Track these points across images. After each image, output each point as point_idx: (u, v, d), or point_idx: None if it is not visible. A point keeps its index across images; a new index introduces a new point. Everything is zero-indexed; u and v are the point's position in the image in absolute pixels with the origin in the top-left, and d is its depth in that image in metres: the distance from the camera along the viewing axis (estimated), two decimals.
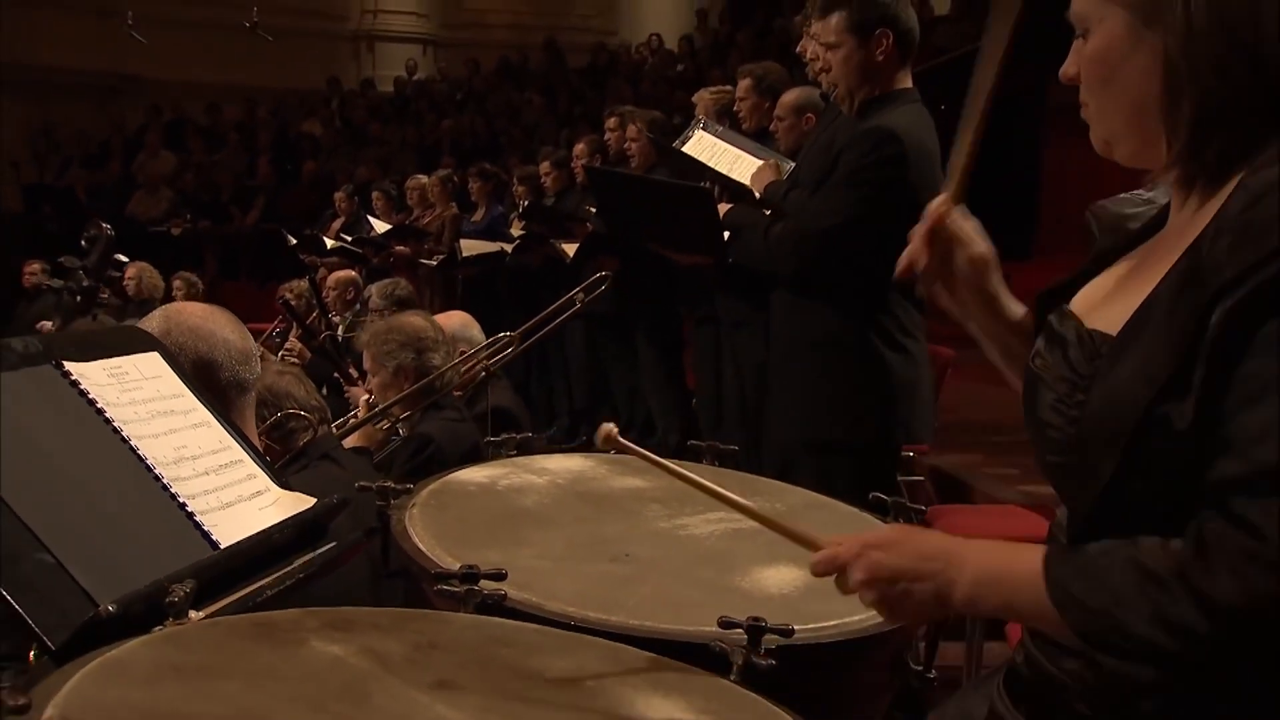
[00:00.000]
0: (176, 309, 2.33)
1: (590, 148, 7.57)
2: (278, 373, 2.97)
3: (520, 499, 1.93)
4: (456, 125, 15.45)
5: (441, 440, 3.50)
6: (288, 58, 17.32)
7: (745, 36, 15.77)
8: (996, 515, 4.03)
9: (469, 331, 4.50)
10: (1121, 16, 1.40)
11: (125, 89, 17.61)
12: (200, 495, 1.74)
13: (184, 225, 14.55)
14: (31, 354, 1.71)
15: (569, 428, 7.98)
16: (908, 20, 3.26)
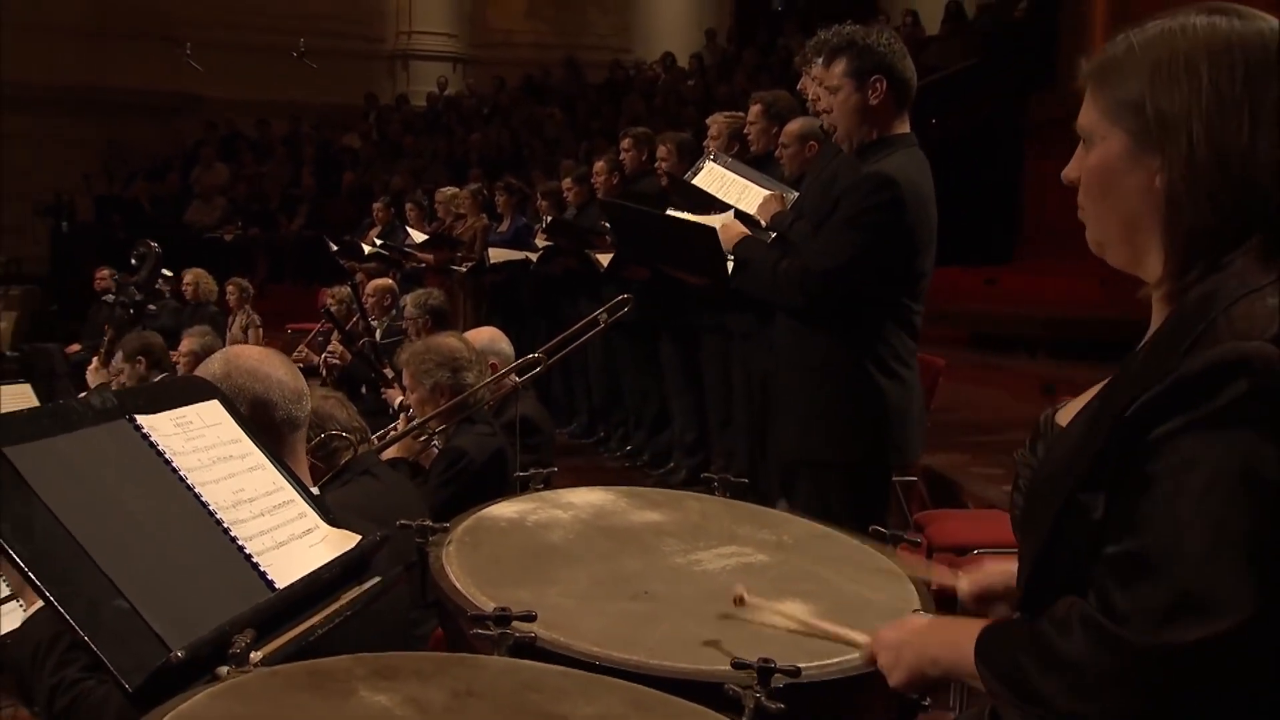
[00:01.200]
0: (236, 352, 2.34)
1: (608, 166, 7.55)
2: (322, 397, 2.98)
3: (547, 535, 1.94)
4: (484, 138, 15.46)
5: (473, 453, 3.52)
6: (329, 76, 17.30)
7: (750, 55, 15.78)
8: (984, 520, 4.02)
9: (498, 345, 4.50)
10: (1123, 138, 1.39)
11: (184, 108, 17.69)
12: (257, 536, 1.75)
13: (236, 231, 14.63)
14: (108, 410, 1.72)
15: (587, 424, 8.00)
16: (904, 70, 3.24)
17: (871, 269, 3.16)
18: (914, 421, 3.34)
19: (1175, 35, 1.37)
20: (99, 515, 1.56)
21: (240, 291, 10.35)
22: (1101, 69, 1.44)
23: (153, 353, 6.74)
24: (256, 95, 17.30)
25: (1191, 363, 1.24)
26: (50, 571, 1.47)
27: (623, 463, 7.26)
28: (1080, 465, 1.32)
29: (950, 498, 5.04)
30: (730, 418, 5.88)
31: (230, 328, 10.19)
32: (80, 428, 1.66)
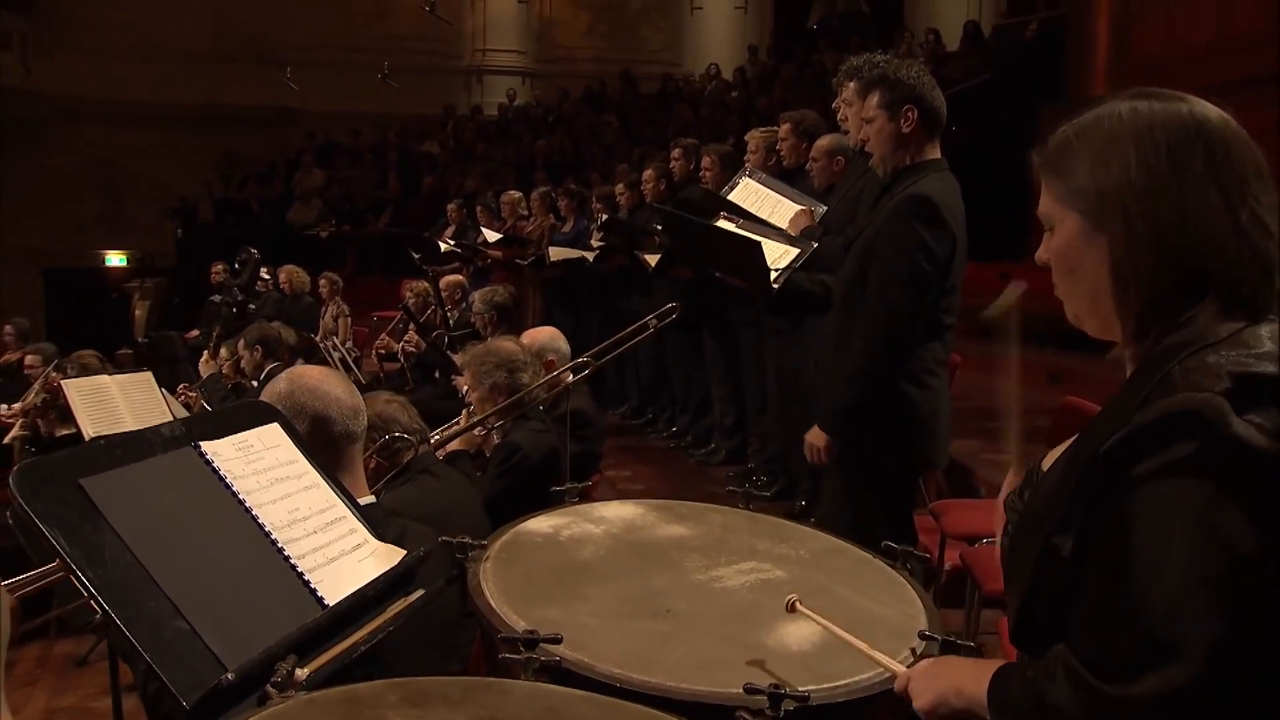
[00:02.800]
0: (299, 373, 2.28)
1: (657, 173, 7.44)
2: (385, 401, 2.92)
3: (579, 551, 1.86)
4: (548, 144, 15.39)
5: (527, 448, 3.46)
6: (413, 90, 17.32)
7: (788, 69, 15.57)
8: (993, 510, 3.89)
9: (557, 344, 4.43)
10: (1077, 220, 1.35)
11: (287, 121, 17.83)
12: (309, 554, 1.69)
13: (330, 229, 14.69)
14: (176, 437, 1.67)
15: (637, 407, 7.93)
16: (933, 100, 3.12)
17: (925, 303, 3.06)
18: (941, 428, 3.21)
19: (1105, 122, 1.34)
20: (163, 540, 1.52)
21: (332, 284, 10.39)
22: (1050, 159, 1.40)
23: (268, 342, 6.77)
24: (349, 108, 17.37)
25: (1146, 413, 1.20)
26: (117, 595, 1.42)
27: (668, 443, 7.17)
28: (1054, 510, 1.28)
29: (964, 484, 4.89)
30: (765, 405, 5.78)
31: (323, 316, 10.23)
32: (150, 456, 1.61)
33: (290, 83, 16.73)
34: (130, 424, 5.72)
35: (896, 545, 1.92)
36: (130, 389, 5.91)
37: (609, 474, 5.93)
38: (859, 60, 3.28)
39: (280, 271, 10.39)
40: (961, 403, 6.06)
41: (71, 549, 1.41)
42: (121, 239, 18.23)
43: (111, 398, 5.73)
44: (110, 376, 5.94)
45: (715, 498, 5.83)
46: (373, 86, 16.38)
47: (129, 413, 5.78)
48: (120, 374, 6.21)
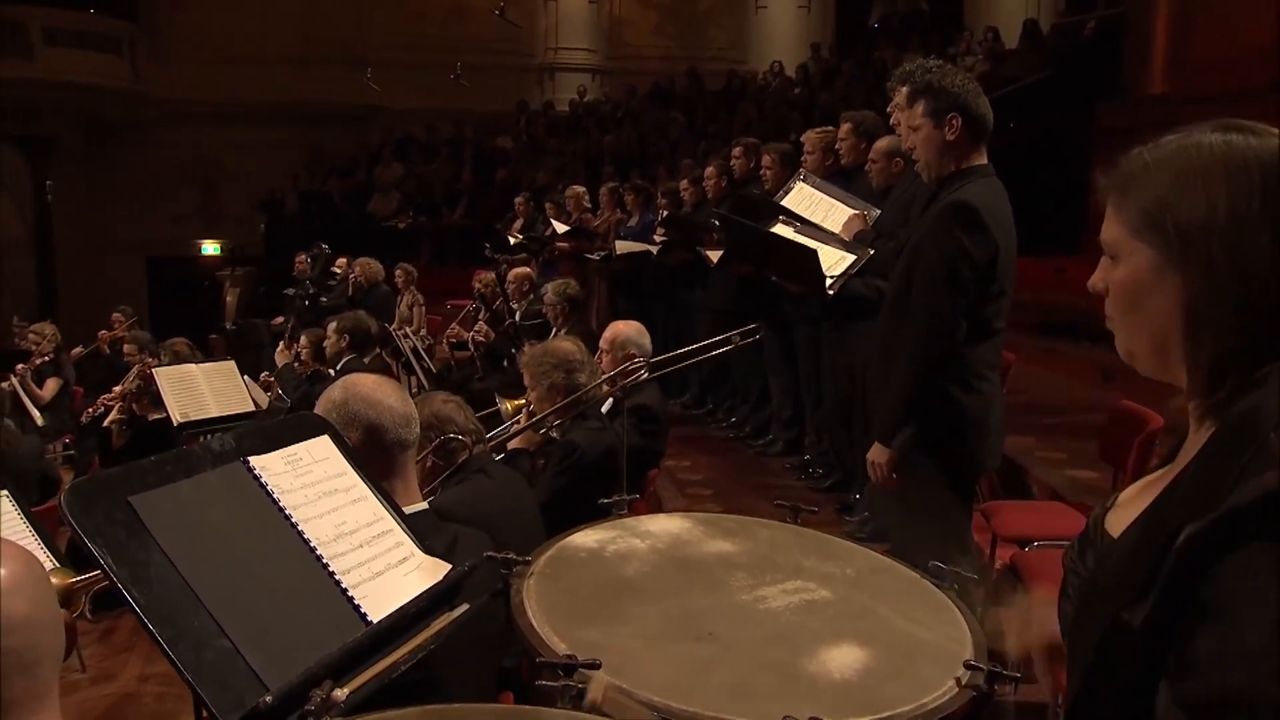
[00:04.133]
0: (354, 381, 2.23)
1: (719, 170, 7.34)
2: (442, 401, 2.87)
3: (623, 568, 1.78)
4: (616, 139, 15.29)
5: (585, 447, 3.39)
6: (487, 87, 17.35)
7: (849, 66, 15.32)
8: (1045, 513, 3.75)
9: (641, 340, 4.34)
10: (1148, 254, 1.18)
11: (368, 116, 18.00)
12: (354, 568, 1.62)
13: (407, 220, 14.77)
14: (225, 452, 1.62)
15: (698, 396, 7.85)
16: (977, 107, 3.00)
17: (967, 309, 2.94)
18: (992, 432, 3.09)
19: (1191, 152, 1.16)
20: (209, 557, 1.46)
21: (407, 275, 10.43)
22: (1122, 184, 1.22)
23: (357, 334, 6.79)
24: (427, 105, 17.43)
25: (1244, 493, 1.00)
26: (161, 614, 1.37)
27: (727, 433, 7.09)
28: (1127, 588, 1.11)
29: (1017, 482, 4.74)
30: (821, 399, 5.67)
31: (399, 305, 10.27)
32: (199, 472, 1.56)
33: (371, 83, 16.87)
34: (214, 410, 5.79)
35: (944, 565, 1.81)
36: (215, 376, 5.97)
37: (668, 464, 5.86)
38: (912, 65, 3.16)
39: (355, 264, 10.45)
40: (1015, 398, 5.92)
41: (118, 568, 1.36)
42: (215, 230, 18.61)
43: (197, 385, 5.79)
44: (197, 365, 6.01)
45: (772, 488, 5.80)
46: (449, 84, 16.44)
47: (213, 399, 5.84)
48: (206, 362, 6.28)
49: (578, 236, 9.01)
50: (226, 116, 17.79)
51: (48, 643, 1.35)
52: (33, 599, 1.32)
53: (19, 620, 1.30)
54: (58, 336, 9.03)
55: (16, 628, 1.29)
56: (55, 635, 1.36)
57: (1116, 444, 3.61)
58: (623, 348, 4.21)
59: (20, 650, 1.30)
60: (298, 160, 17.48)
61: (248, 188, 17.25)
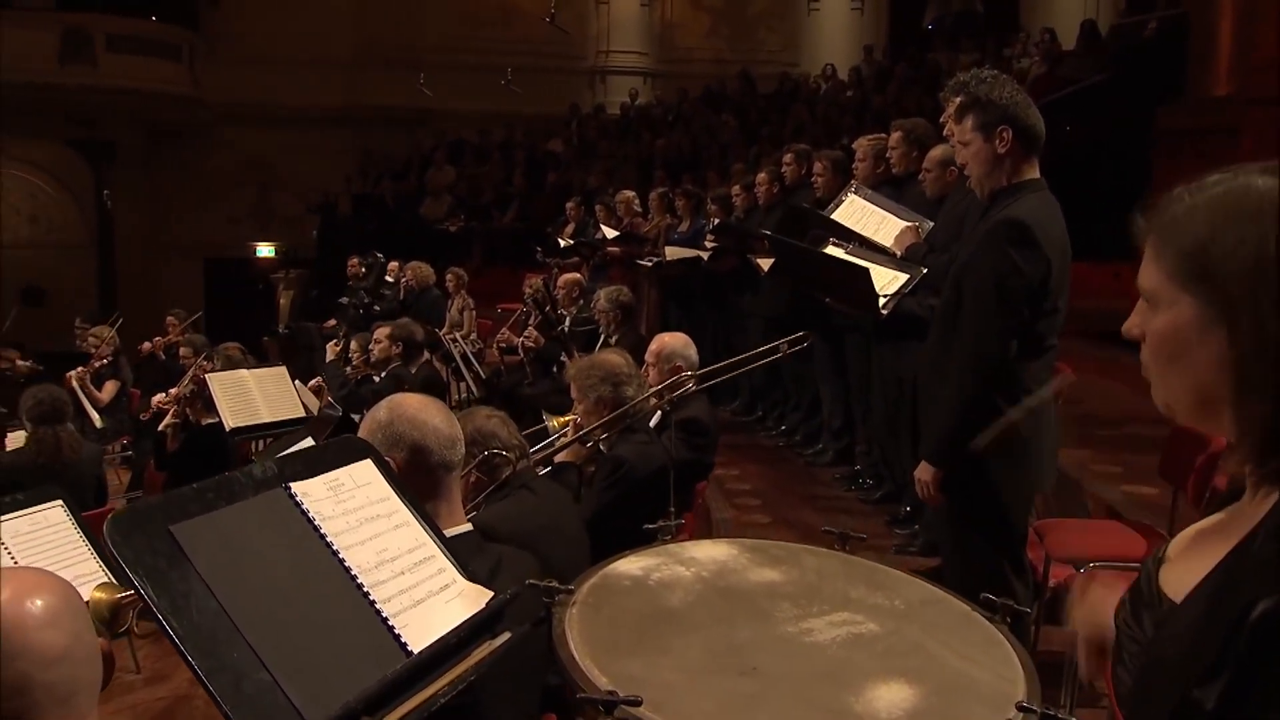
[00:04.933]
0: (400, 401, 2.22)
1: (770, 177, 7.28)
2: (485, 416, 2.86)
3: (667, 597, 1.75)
4: (667, 143, 15.24)
5: (633, 461, 3.36)
6: (538, 90, 17.41)
7: (902, 68, 15.14)
8: (1101, 532, 3.64)
9: (687, 351, 4.30)
10: (1191, 304, 1.10)
11: (421, 119, 18.10)
12: (395, 596, 1.61)
13: (459, 224, 14.84)
14: (267, 479, 1.61)
15: (748, 403, 7.80)
16: (1028, 119, 2.93)
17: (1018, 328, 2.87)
18: (1045, 451, 3.01)
19: (1240, 196, 1.08)
20: (249, 586, 1.45)
21: (458, 279, 10.48)
22: (1163, 227, 1.15)
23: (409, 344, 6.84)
24: (479, 108, 17.51)
25: None
26: (201, 646, 1.36)
27: (776, 441, 7.03)
28: (1196, 664, 1.03)
29: (1070, 496, 4.63)
30: (871, 408, 5.59)
31: (449, 309, 10.33)
32: (241, 499, 1.55)
33: (424, 88, 17.00)
34: (265, 415, 5.85)
35: (996, 599, 1.76)
36: (266, 382, 6.04)
37: (716, 473, 5.80)
38: (965, 76, 3.09)
39: (406, 268, 10.52)
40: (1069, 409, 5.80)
41: (159, 598, 1.36)
42: (270, 232, 18.87)
43: (249, 391, 5.86)
44: (249, 371, 6.07)
45: (821, 499, 5.73)
46: (501, 87, 16.53)
47: (264, 404, 5.91)
48: (258, 368, 6.35)
49: (628, 241, 9.00)
50: (281, 120, 18.05)
51: (85, 675, 1.35)
52: (70, 632, 1.32)
53: (57, 653, 1.30)
54: (116, 339, 9.18)
55: (54, 661, 1.30)
56: (92, 667, 1.37)
57: (1177, 462, 3.51)
58: (669, 360, 4.18)
59: (58, 683, 1.31)
60: (350, 163, 17.66)
61: (301, 190, 17.47)
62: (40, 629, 1.28)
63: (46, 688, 1.28)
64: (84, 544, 3.07)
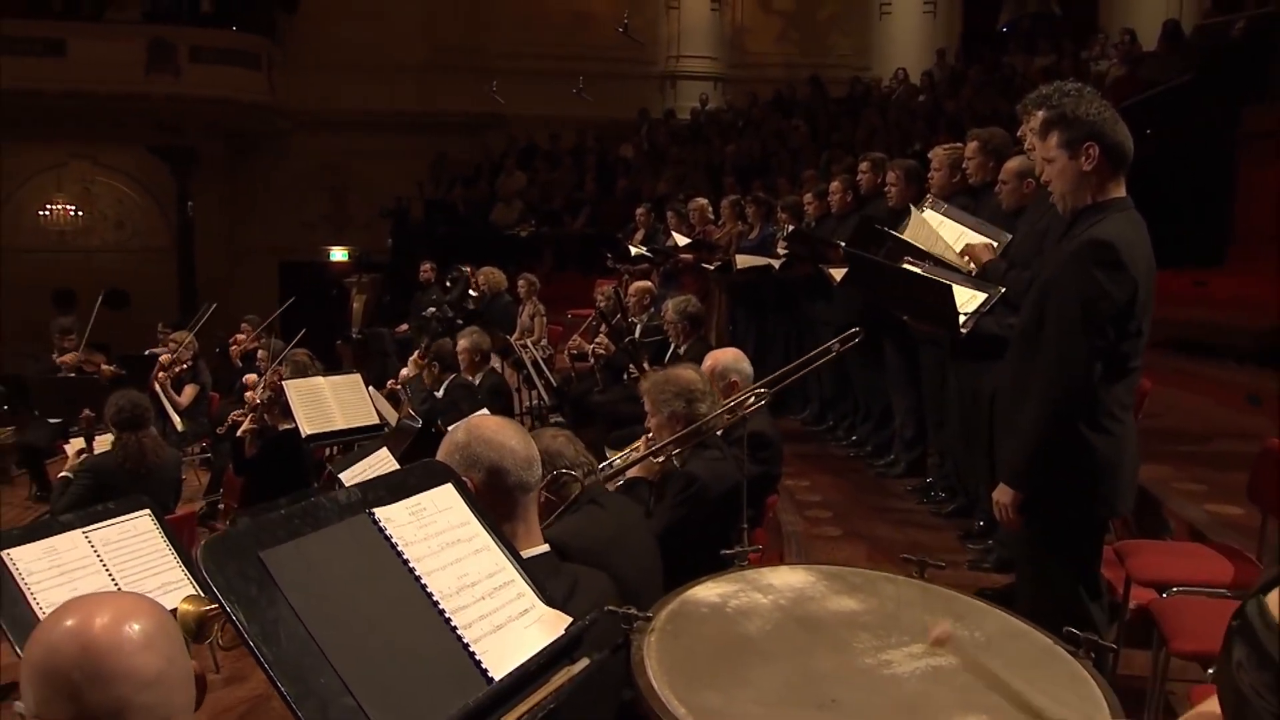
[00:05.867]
0: (477, 423, 2.24)
1: (844, 185, 7.22)
2: (551, 436, 2.87)
3: (745, 625, 1.75)
4: (737, 148, 15.19)
5: (705, 478, 3.36)
6: (609, 95, 17.48)
7: (976, 72, 14.92)
8: (1184, 556, 3.53)
9: (740, 365, 4.30)
10: None
11: (493, 125, 18.26)
12: (476, 621, 1.63)
13: (529, 229, 14.94)
14: (351, 504, 1.65)
15: (818, 412, 7.74)
16: (1115, 135, 2.86)
17: (1103, 351, 2.81)
18: (1125, 474, 2.94)
19: None
20: (335, 612, 1.48)
21: (529, 285, 10.55)
22: None
23: (444, 357, 6.93)
24: (550, 113, 17.60)
25: None
26: (289, 672, 1.39)
27: (847, 451, 6.97)
28: None
29: (1153, 516, 4.51)
30: (944, 421, 5.52)
31: (520, 315, 10.40)
32: (326, 525, 1.58)
33: (495, 95, 17.16)
34: (340, 422, 5.94)
35: (1080, 633, 1.73)
36: (341, 389, 6.14)
37: (786, 484, 5.78)
38: (1048, 90, 3.03)
39: (478, 273, 10.62)
40: (1150, 423, 5.65)
41: (250, 624, 1.39)
42: (344, 236, 19.18)
43: (325, 398, 5.96)
44: (324, 378, 6.17)
45: (893, 512, 5.67)
46: (571, 94, 16.62)
47: (339, 412, 6.00)
48: (331, 373, 6.46)
49: (699, 249, 8.99)
50: (355, 125, 18.33)
51: (179, 698, 1.39)
52: (166, 655, 1.35)
53: (152, 676, 1.34)
54: (195, 344, 9.39)
55: (150, 684, 1.33)
56: (186, 691, 1.40)
57: (1266, 483, 3.40)
58: (723, 376, 4.18)
59: (153, 707, 1.34)
60: (423, 168, 17.87)
61: (374, 195, 17.74)
62: (137, 653, 1.32)
63: (143, 711, 1.32)
64: (170, 552, 3.15)
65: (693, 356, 6.57)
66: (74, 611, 1.33)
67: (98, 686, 1.28)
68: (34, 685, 1.30)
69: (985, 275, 4.09)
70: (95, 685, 1.28)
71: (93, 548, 2.96)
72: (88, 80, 16.13)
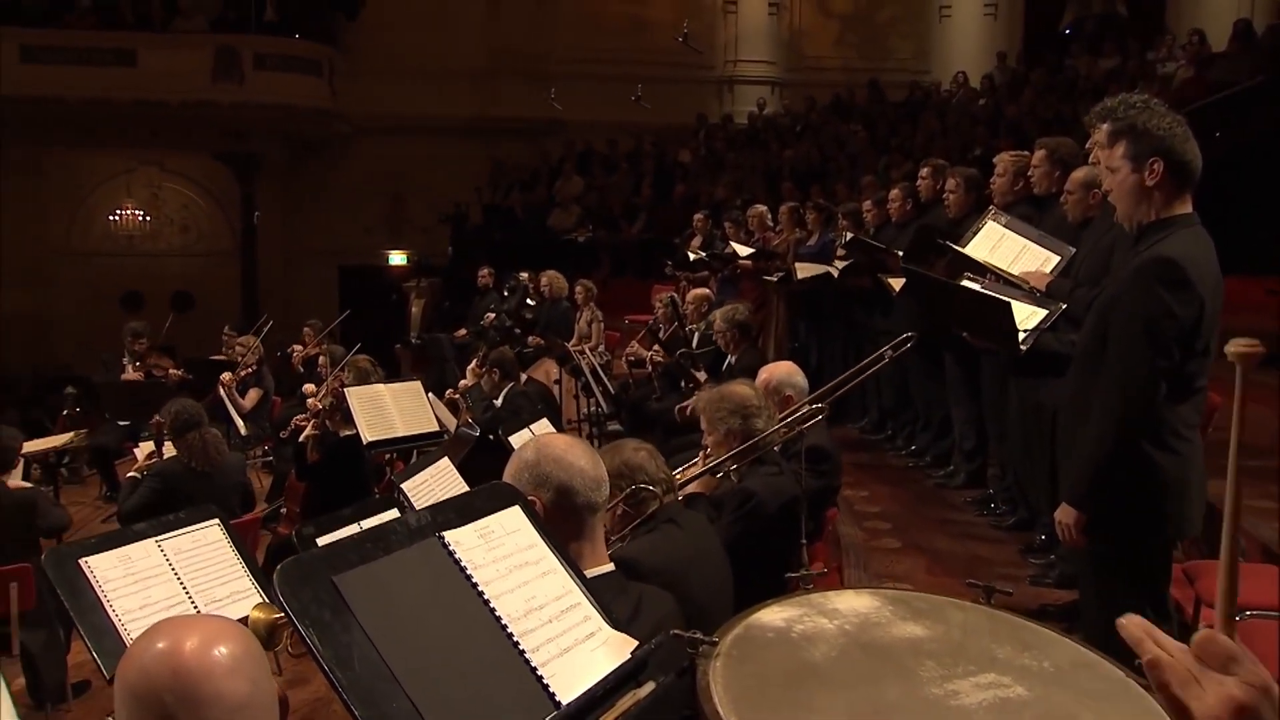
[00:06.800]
0: (546, 442, 2.26)
1: (904, 193, 7.17)
2: (633, 449, 2.88)
3: (810, 651, 1.74)
4: (795, 153, 15.11)
5: (762, 494, 3.35)
6: (666, 100, 17.50)
7: (1038, 75, 14.70)
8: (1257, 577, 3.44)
9: (794, 379, 4.29)
10: None
11: (550, 130, 18.38)
12: (543, 645, 1.65)
13: (586, 234, 15.00)
14: (421, 527, 1.67)
15: (877, 421, 7.69)
16: (1184, 153, 2.80)
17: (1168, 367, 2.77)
18: (1193, 494, 2.89)
19: None
20: (406, 636, 1.51)
21: (587, 291, 10.60)
22: None
23: (504, 365, 6.98)
24: (608, 118, 17.66)
25: None
26: (363, 696, 1.42)
27: (906, 461, 6.91)
28: None
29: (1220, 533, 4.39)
30: (1005, 433, 5.46)
31: (578, 321, 10.45)
32: (397, 550, 1.61)
33: (554, 102, 17.26)
34: (400, 429, 6.02)
35: None
36: (402, 396, 6.21)
37: (845, 494, 5.75)
38: (1114, 101, 2.98)
39: (542, 275, 10.70)
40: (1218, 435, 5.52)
41: (324, 648, 1.42)
42: (402, 240, 19.40)
43: (385, 406, 6.04)
44: (385, 386, 6.26)
45: (952, 524, 5.61)
46: (629, 97, 16.67)
47: (399, 418, 6.08)
48: (389, 381, 6.54)
49: (760, 257, 8.98)
50: (414, 131, 18.55)
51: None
52: (252, 679, 1.39)
53: (240, 701, 1.37)
54: (261, 349, 9.56)
55: (238, 709, 1.36)
56: (271, 714, 1.43)
57: None
58: (778, 391, 4.17)
59: None
60: (481, 174, 18.03)
61: (433, 200, 17.92)
62: (225, 677, 1.35)
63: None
64: (238, 561, 3.19)
65: (745, 365, 6.58)
66: (164, 635, 1.37)
67: (188, 710, 1.32)
68: (127, 707, 1.34)
69: (1050, 293, 4.04)
70: (186, 709, 1.32)
71: (165, 556, 3.02)
72: (156, 89, 16.53)
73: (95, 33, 16.94)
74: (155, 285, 18.90)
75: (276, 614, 2.17)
